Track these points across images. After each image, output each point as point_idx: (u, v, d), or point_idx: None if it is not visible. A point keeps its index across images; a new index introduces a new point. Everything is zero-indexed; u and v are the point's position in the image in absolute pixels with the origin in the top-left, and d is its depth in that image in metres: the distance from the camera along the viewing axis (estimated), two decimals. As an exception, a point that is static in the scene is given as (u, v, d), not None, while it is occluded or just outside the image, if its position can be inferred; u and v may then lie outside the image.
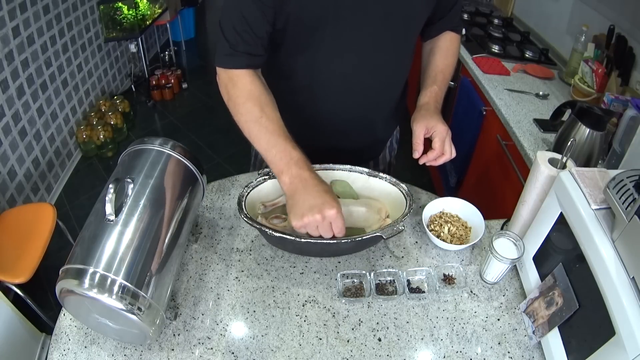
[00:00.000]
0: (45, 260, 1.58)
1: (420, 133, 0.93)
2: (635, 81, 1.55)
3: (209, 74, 3.93)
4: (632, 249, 0.62)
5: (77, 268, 0.67)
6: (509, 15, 2.52)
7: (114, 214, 0.71)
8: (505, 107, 1.63)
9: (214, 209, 1.06)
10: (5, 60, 2.03)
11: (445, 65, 1.04)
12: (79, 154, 2.80)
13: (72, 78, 2.67)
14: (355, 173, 0.99)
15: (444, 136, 0.92)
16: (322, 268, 0.93)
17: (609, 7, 1.73)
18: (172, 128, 3.16)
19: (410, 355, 0.79)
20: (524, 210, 0.93)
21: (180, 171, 0.85)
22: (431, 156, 0.92)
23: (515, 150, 1.49)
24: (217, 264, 0.93)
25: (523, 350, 0.80)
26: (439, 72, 1.02)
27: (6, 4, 2.00)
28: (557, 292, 0.75)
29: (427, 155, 0.92)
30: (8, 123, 2.08)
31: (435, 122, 0.93)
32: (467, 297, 0.89)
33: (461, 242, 0.97)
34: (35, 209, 1.79)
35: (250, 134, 0.84)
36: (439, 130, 0.93)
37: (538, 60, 2.01)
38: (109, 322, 0.71)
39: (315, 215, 0.76)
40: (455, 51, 1.08)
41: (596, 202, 0.71)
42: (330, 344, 0.80)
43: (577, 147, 1.17)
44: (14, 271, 1.50)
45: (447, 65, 1.05)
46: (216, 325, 0.82)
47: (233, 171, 2.12)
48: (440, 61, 1.04)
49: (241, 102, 0.84)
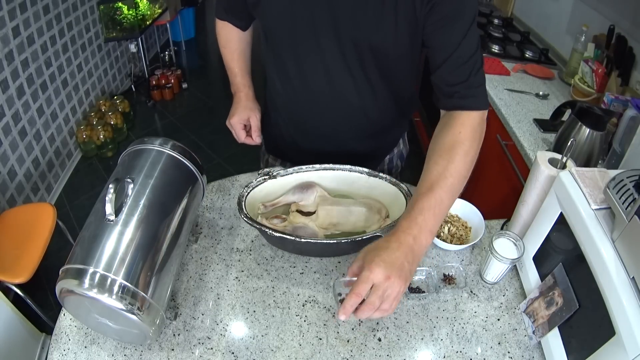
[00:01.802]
0: (45, 260, 1.58)
1: (353, 268, 0.70)
2: (635, 81, 1.55)
3: (209, 74, 3.93)
4: (632, 249, 0.62)
5: (77, 268, 0.67)
6: (509, 15, 2.52)
7: (114, 214, 0.71)
8: (505, 107, 1.63)
9: (214, 209, 1.06)
10: (5, 60, 2.03)
11: (444, 175, 0.75)
12: (79, 154, 2.80)
13: (72, 78, 2.67)
14: (355, 173, 0.99)
15: (365, 280, 0.64)
16: (322, 268, 0.93)
17: (609, 7, 1.73)
18: (172, 128, 3.16)
19: (410, 355, 0.79)
20: (524, 210, 0.93)
21: (180, 171, 0.85)
22: (346, 305, 0.64)
23: (515, 150, 1.49)
24: (217, 264, 0.93)
25: (523, 350, 0.80)
26: (432, 190, 0.74)
27: (6, 4, 2.00)
28: (557, 292, 0.75)
29: (344, 305, 0.64)
30: (8, 123, 2.08)
31: (378, 264, 0.64)
32: (467, 297, 0.89)
33: (461, 242, 0.97)
34: (35, 209, 1.79)
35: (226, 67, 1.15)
36: (364, 274, 0.65)
37: (538, 60, 2.01)
38: (109, 322, 0.71)
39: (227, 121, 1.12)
40: (467, 148, 0.78)
41: (596, 202, 0.71)
42: (330, 344, 0.80)
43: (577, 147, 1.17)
44: (14, 271, 1.50)
45: (450, 173, 0.75)
46: (216, 325, 0.82)
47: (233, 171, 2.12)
48: (439, 167, 0.76)
49: (221, 45, 1.13)
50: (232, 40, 1.10)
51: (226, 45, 1.11)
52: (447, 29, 0.79)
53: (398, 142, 1.20)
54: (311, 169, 0.99)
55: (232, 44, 1.11)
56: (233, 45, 1.11)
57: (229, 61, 1.12)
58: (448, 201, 0.74)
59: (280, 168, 0.99)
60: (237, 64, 1.12)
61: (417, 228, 0.70)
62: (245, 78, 1.13)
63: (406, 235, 0.69)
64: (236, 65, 1.12)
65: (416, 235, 0.69)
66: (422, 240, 0.70)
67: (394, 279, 0.64)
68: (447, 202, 0.74)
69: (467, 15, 0.78)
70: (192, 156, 0.87)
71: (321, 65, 0.92)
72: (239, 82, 1.13)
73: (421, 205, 0.72)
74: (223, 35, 1.11)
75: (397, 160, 1.23)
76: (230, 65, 1.12)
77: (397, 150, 1.21)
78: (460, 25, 0.78)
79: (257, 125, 1.13)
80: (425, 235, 0.71)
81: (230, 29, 1.10)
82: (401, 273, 0.66)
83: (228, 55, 1.12)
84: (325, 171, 0.99)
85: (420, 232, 0.70)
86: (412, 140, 1.29)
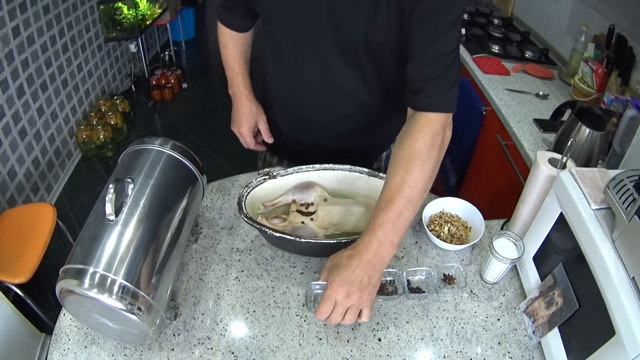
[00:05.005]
0: (45, 260, 1.58)
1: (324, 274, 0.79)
2: (635, 81, 1.55)
3: (209, 74, 3.93)
4: (632, 249, 0.62)
5: (77, 268, 0.67)
6: (509, 15, 2.52)
7: (114, 214, 0.71)
8: (505, 107, 1.63)
9: (214, 209, 1.06)
10: (5, 60, 2.03)
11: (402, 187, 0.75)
12: (79, 154, 2.80)
13: (72, 78, 2.67)
14: (355, 173, 0.99)
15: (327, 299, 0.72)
16: (322, 268, 0.92)
17: (609, 7, 1.73)
18: (172, 128, 3.16)
19: (410, 355, 0.79)
20: (524, 210, 0.93)
21: (180, 171, 0.85)
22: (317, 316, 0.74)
23: (515, 150, 1.49)
24: (217, 264, 0.93)
25: (523, 350, 0.80)
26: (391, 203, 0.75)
27: (6, 4, 2.00)
28: (557, 292, 0.75)
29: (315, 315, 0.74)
30: (8, 123, 2.08)
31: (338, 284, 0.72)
32: (467, 297, 0.89)
33: (461, 242, 0.97)
34: (35, 209, 1.79)
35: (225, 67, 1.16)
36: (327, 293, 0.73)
37: (538, 60, 2.01)
38: (109, 322, 0.71)
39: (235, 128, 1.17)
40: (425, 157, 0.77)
41: (596, 202, 0.71)
42: (330, 344, 0.80)
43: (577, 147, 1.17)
44: (14, 271, 1.50)
45: (408, 185, 0.75)
46: (216, 325, 0.82)
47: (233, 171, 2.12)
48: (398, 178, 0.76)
49: (222, 46, 1.13)
50: (233, 40, 1.11)
51: (227, 46, 1.11)
52: (429, 23, 0.78)
53: (394, 138, 1.21)
54: (311, 169, 0.99)
55: (233, 44, 1.11)
56: (234, 46, 1.11)
57: (231, 61, 1.12)
58: (408, 213, 0.76)
59: (280, 168, 0.99)
60: (237, 64, 1.12)
61: (377, 243, 0.73)
62: (246, 79, 1.14)
63: (367, 251, 0.73)
64: (237, 65, 1.12)
65: (376, 250, 0.73)
66: (383, 254, 0.74)
67: (353, 296, 0.72)
68: (406, 214, 0.75)
69: (453, 13, 0.77)
70: (192, 156, 0.87)
71: (318, 58, 0.93)
72: (239, 83, 1.13)
73: (381, 220, 0.74)
74: (224, 36, 1.11)
75: None
76: (232, 65, 1.12)
77: (393, 146, 1.22)
78: (443, 20, 0.77)
79: (266, 127, 1.16)
80: (387, 248, 0.74)
81: (231, 30, 1.10)
82: (362, 287, 0.72)
83: (229, 55, 1.12)
84: (325, 171, 0.99)
85: (380, 246, 0.73)
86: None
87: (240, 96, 1.13)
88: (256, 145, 1.19)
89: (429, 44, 0.78)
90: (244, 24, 1.08)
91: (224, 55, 1.13)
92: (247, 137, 1.16)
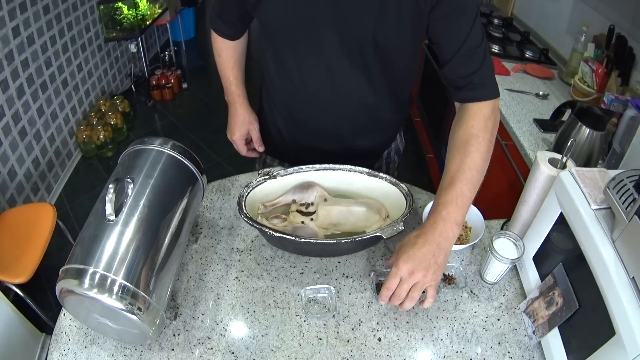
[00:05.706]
0: (45, 260, 1.58)
1: (390, 259, 0.85)
2: (635, 81, 1.55)
3: (209, 74, 3.93)
4: (632, 249, 0.62)
5: (77, 268, 0.67)
6: (509, 15, 2.52)
7: (114, 214, 0.71)
8: (505, 107, 1.63)
9: (214, 209, 1.06)
10: (5, 60, 2.03)
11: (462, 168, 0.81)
12: (79, 154, 2.80)
13: (72, 78, 2.67)
14: (355, 173, 0.99)
15: (397, 274, 0.76)
16: (322, 268, 0.93)
17: (609, 7, 1.73)
18: (172, 128, 3.16)
19: (410, 355, 0.79)
20: (524, 210, 0.93)
21: (180, 171, 0.85)
22: (381, 295, 0.79)
23: (515, 150, 1.49)
24: (217, 264, 0.93)
25: (523, 350, 0.80)
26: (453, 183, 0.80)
27: (6, 4, 2.00)
28: (557, 292, 0.75)
29: (380, 295, 0.79)
30: (8, 123, 2.08)
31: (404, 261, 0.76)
32: (467, 297, 0.89)
33: (461, 242, 0.97)
34: (35, 209, 1.79)
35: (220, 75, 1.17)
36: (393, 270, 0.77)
37: (538, 60, 2.01)
38: (109, 322, 0.71)
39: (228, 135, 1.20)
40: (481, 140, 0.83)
41: (596, 202, 0.71)
42: (330, 344, 0.80)
43: (577, 147, 1.17)
44: (14, 271, 1.50)
45: (468, 166, 0.81)
46: (216, 325, 0.82)
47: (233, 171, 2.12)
48: (457, 161, 0.82)
49: (216, 54, 1.13)
50: (227, 48, 1.11)
51: (221, 54, 1.12)
52: (454, 23, 0.82)
53: (395, 137, 1.21)
54: (311, 169, 0.99)
55: (227, 52, 1.11)
56: (228, 54, 1.12)
57: (224, 69, 1.13)
58: (469, 192, 0.80)
59: (280, 168, 0.99)
60: (232, 72, 1.13)
61: (442, 222, 0.77)
62: (240, 87, 1.15)
63: (433, 230, 0.77)
64: (231, 73, 1.13)
65: (441, 229, 0.77)
66: (449, 233, 0.77)
67: (417, 273, 0.75)
68: (468, 193, 0.80)
69: (471, 7, 0.81)
70: (192, 156, 0.87)
71: (322, 63, 0.92)
72: (234, 92, 1.14)
73: (444, 200, 0.79)
74: (218, 44, 1.11)
75: (395, 155, 1.24)
76: (226, 73, 1.13)
77: (394, 145, 1.22)
78: (466, 18, 0.81)
79: (257, 136, 1.18)
80: (451, 226, 0.78)
81: (224, 39, 1.10)
82: (428, 266, 0.75)
83: (223, 64, 1.13)
84: (325, 171, 0.99)
85: (445, 226, 0.77)
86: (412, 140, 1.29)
87: (234, 104, 1.15)
88: (248, 152, 1.22)
89: (461, 43, 0.82)
90: (237, 32, 1.09)
91: (219, 63, 1.14)
92: (239, 145, 1.19)
